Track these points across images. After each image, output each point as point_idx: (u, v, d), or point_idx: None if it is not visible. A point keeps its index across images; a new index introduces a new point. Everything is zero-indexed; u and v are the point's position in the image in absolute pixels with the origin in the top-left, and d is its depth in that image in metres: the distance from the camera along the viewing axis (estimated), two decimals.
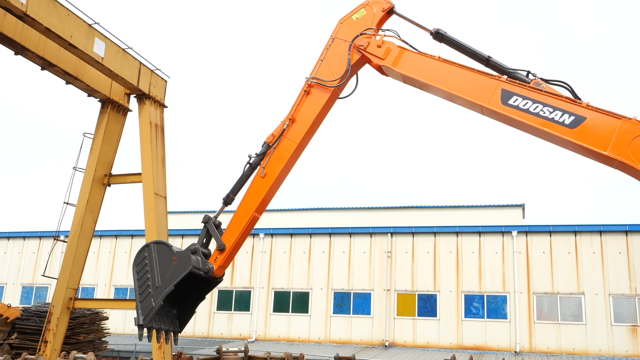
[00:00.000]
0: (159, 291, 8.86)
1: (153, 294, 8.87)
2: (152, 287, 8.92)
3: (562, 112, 8.29)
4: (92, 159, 17.54)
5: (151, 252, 9.17)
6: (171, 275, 8.93)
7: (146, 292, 8.95)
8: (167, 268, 8.99)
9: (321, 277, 27.81)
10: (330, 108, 10.14)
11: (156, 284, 8.91)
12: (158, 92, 17.83)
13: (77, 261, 17.27)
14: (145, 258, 9.16)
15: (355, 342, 26.43)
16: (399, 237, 27.32)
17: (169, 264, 9.02)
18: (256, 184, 9.82)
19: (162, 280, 8.92)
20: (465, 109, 9.40)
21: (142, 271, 9.11)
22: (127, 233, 31.53)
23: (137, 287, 9.06)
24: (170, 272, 8.94)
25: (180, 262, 9.03)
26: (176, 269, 8.97)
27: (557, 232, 25.40)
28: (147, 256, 9.16)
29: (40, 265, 31.60)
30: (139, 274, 9.11)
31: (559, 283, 24.77)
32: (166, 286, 8.87)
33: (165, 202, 17.31)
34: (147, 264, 9.10)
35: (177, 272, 8.96)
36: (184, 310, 9.55)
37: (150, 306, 8.86)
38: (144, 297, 8.94)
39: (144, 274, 9.06)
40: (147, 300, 8.90)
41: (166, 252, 9.14)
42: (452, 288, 25.94)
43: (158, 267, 9.03)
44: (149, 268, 9.06)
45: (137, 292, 9.04)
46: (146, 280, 9.01)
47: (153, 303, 8.83)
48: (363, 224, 32.43)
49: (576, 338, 24.04)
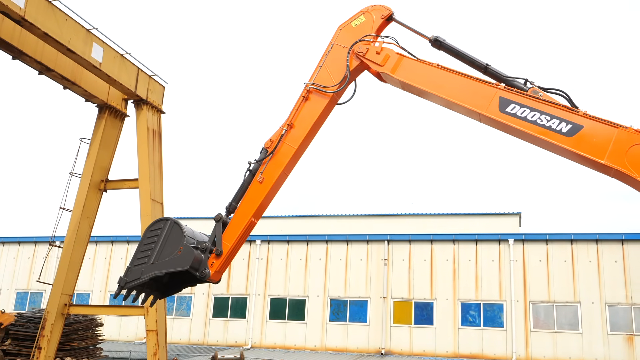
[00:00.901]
0: (151, 267, 8.96)
1: (145, 267, 8.98)
2: (148, 260, 8.97)
3: (559, 120, 8.30)
4: (89, 164, 17.49)
5: (166, 228, 9.22)
6: (169, 261, 8.97)
7: (142, 260, 9.06)
8: (170, 252, 9.01)
9: (318, 284, 27.75)
10: (328, 114, 10.14)
11: (153, 259, 8.96)
12: (156, 98, 17.82)
13: (72, 267, 17.19)
14: (159, 229, 9.22)
15: (352, 350, 26.35)
16: (396, 244, 27.29)
17: (174, 249, 9.04)
18: (254, 190, 9.79)
19: (159, 261, 8.98)
20: (463, 116, 9.41)
21: (149, 239, 9.18)
22: (123, 239, 31.43)
23: (138, 251, 9.16)
24: (170, 257, 8.97)
25: (183, 255, 9.02)
26: (176, 259, 8.98)
27: (553, 240, 25.42)
28: (162, 229, 9.20)
29: (35, 271, 31.46)
30: (146, 241, 9.19)
31: (555, 291, 24.76)
32: (159, 268, 8.94)
33: (162, 208, 17.27)
34: (157, 236, 9.14)
35: (174, 262, 8.97)
36: (171, 285, 9.58)
37: (137, 275, 8.99)
38: (137, 263, 9.07)
39: (150, 244, 9.15)
40: (137, 268, 9.03)
41: (178, 237, 9.14)
42: (448, 296, 25.90)
43: (163, 246, 9.06)
44: (156, 240, 9.11)
45: (136, 255, 9.16)
46: (147, 250, 9.09)
47: (140, 274, 8.94)
48: (360, 231, 32.41)
49: (572, 347, 24.02)
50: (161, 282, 9.45)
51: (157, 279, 9.25)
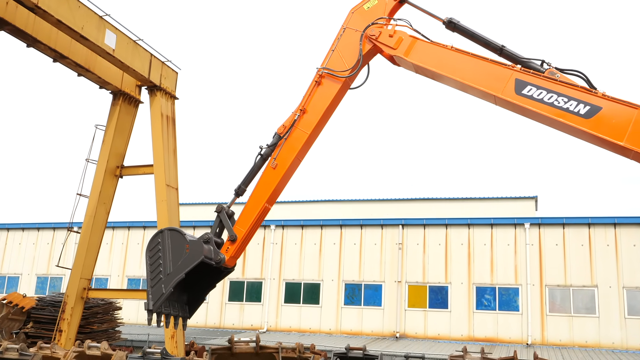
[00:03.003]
0: (169, 278, 8.90)
1: (164, 280, 8.91)
2: (164, 274, 8.95)
3: (577, 102, 8.17)
4: (104, 150, 17.62)
5: (164, 239, 9.19)
6: (183, 263, 8.96)
7: (157, 277, 8.98)
8: (179, 255, 9.02)
9: (332, 269, 27.82)
10: (341, 98, 10.08)
11: (167, 270, 8.95)
12: (169, 84, 17.86)
13: (90, 252, 17.39)
14: (158, 244, 9.19)
15: (366, 334, 26.45)
16: (410, 228, 27.25)
17: (182, 251, 9.03)
18: (267, 175, 9.79)
19: (174, 268, 8.95)
20: (478, 99, 9.31)
21: (154, 257, 9.14)
22: (139, 224, 31.70)
23: (149, 272, 9.10)
24: (182, 260, 8.97)
25: (193, 251, 9.04)
26: (188, 257, 8.99)
27: (570, 224, 25.23)
28: (160, 242, 9.18)
29: (55, 256, 31.87)
30: (152, 259, 9.13)
31: (571, 275, 24.62)
32: (177, 274, 8.90)
33: (176, 193, 17.36)
34: (160, 250, 9.12)
35: (188, 260, 8.98)
36: (194, 297, 9.58)
37: (160, 292, 8.89)
38: (155, 282, 8.98)
39: (156, 260, 9.10)
40: (157, 286, 8.93)
41: (179, 239, 9.16)
42: (463, 280, 25.86)
43: (170, 254, 9.05)
44: (161, 254, 9.09)
45: (149, 277, 9.08)
46: (158, 266, 9.04)
47: (163, 289, 8.87)
48: (374, 215, 32.39)
49: (589, 331, 23.91)
50: (186, 294, 9.47)
51: (181, 291, 9.28)
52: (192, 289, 9.46)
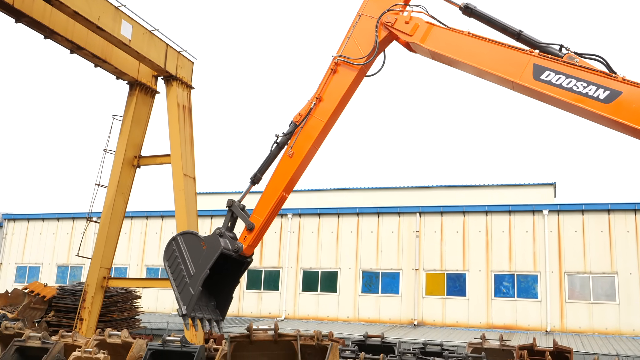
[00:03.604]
0: (194, 278, 8.88)
1: (190, 283, 8.87)
2: (188, 277, 8.91)
3: (596, 86, 8.06)
4: (122, 141, 17.75)
5: (179, 244, 9.19)
6: (203, 260, 8.96)
7: (182, 282, 8.95)
8: (198, 255, 9.01)
9: (349, 257, 27.85)
10: (357, 86, 10.03)
11: (190, 272, 8.92)
12: (185, 74, 17.90)
13: (109, 241, 17.58)
14: (174, 251, 9.18)
15: (384, 321, 26.49)
16: (428, 216, 27.17)
17: (199, 250, 9.04)
18: (284, 164, 9.79)
19: (196, 267, 8.93)
20: (496, 85, 9.22)
21: (174, 264, 9.13)
22: (157, 214, 31.94)
23: (173, 280, 9.05)
24: (201, 258, 8.97)
25: (210, 246, 9.05)
26: (207, 253, 9.00)
27: (589, 210, 24.99)
28: (175, 249, 9.17)
29: (74, 246, 32.24)
30: (172, 268, 9.11)
31: (591, 262, 24.42)
32: (201, 271, 8.89)
33: (194, 182, 17.45)
34: (178, 256, 9.11)
35: (208, 256, 8.98)
36: (221, 298, 9.56)
37: (189, 295, 8.85)
38: (181, 287, 8.94)
39: (177, 266, 9.08)
40: (185, 290, 8.89)
41: (193, 240, 9.16)
42: (481, 267, 25.76)
43: (189, 256, 9.05)
44: (180, 259, 9.07)
45: (174, 285, 9.02)
46: (180, 272, 9.01)
47: (192, 291, 8.83)
48: (391, 203, 32.34)
49: (609, 318, 23.74)
50: (213, 297, 9.48)
51: (209, 295, 9.25)
52: (218, 291, 9.45)
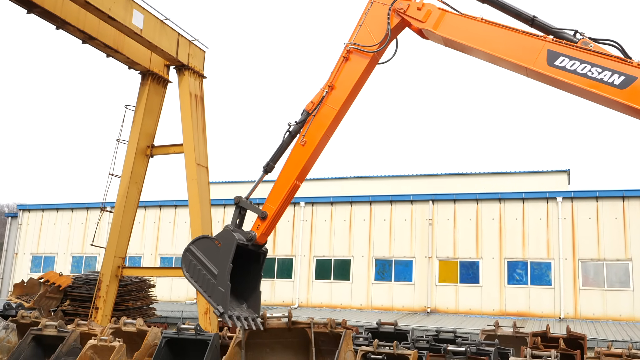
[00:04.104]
0: (220, 276, 8.89)
1: (217, 282, 8.85)
2: (213, 277, 8.89)
3: (611, 72, 7.97)
4: (135, 130, 17.82)
5: (193, 252, 9.17)
6: (222, 256, 8.96)
7: (210, 285, 8.93)
8: (215, 254, 9.02)
9: (362, 245, 27.88)
10: (369, 74, 9.98)
11: (214, 272, 8.90)
12: (197, 63, 17.91)
13: (123, 231, 17.70)
14: (191, 261, 9.16)
15: (397, 309, 26.54)
16: (440, 204, 27.11)
17: (215, 250, 9.05)
18: (296, 152, 9.79)
19: (218, 266, 8.94)
20: (509, 71, 9.14)
21: (195, 272, 9.10)
22: (170, 203, 32.11)
23: (199, 287, 9.02)
24: (220, 255, 8.97)
25: (224, 241, 9.07)
26: (224, 249, 9.01)
27: (604, 197, 24.82)
28: (192, 258, 9.16)
29: (89, 236, 32.52)
30: (194, 277, 9.06)
31: (605, 249, 24.28)
32: (224, 267, 8.90)
33: (207, 172, 17.51)
34: (197, 263, 9.11)
35: (226, 251, 8.99)
36: (251, 296, 9.58)
37: (220, 293, 8.82)
38: (210, 290, 8.91)
39: (199, 273, 9.06)
40: (215, 291, 8.87)
41: (206, 242, 9.19)
42: (494, 255, 25.70)
43: (207, 259, 9.04)
44: (200, 266, 9.05)
45: (202, 290, 9.00)
46: (204, 277, 8.99)
47: (221, 289, 8.82)
48: (404, 191, 32.25)
49: (623, 304, 23.62)
50: (242, 297, 9.48)
51: (238, 296, 9.26)
52: (245, 289, 9.45)
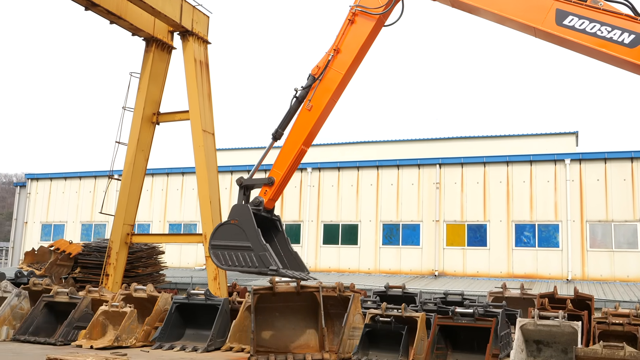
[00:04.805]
0: (255, 243, 9.06)
1: (256, 250, 9.04)
2: (249, 250, 9.09)
3: (621, 30, 7.86)
4: (140, 98, 17.77)
5: (218, 244, 9.36)
6: (245, 227, 9.19)
7: (251, 259, 9.11)
8: (238, 232, 9.22)
9: (369, 210, 27.94)
10: (375, 37, 9.88)
11: (247, 245, 9.10)
12: (201, 29, 17.73)
13: (131, 198, 17.80)
14: (220, 252, 9.33)
15: (405, 272, 26.72)
16: (448, 168, 27.04)
17: (235, 229, 9.28)
18: (303, 117, 9.77)
19: (248, 237, 9.13)
20: (517, 32, 9.01)
21: (231, 259, 9.27)
22: (178, 171, 32.18)
23: (243, 268, 9.19)
24: (242, 229, 9.19)
25: (239, 215, 9.32)
26: (243, 222, 9.24)
27: (612, 158, 24.67)
28: (220, 252, 9.33)
29: (97, 204, 32.70)
30: (233, 263, 9.24)
31: (613, 211, 24.24)
32: (254, 235, 9.09)
33: (213, 138, 17.49)
34: (226, 250, 9.28)
35: (245, 221, 9.22)
36: (289, 259, 9.72)
37: (264, 257, 9.02)
38: (254, 262, 9.08)
39: (234, 258, 9.23)
40: (258, 258, 9.05)
41: (223, 229, 9.40)
42: (502, 218, 25.72)
43: (235, 240, 9.23)
44: (231, 251, 9.23)
45: (248, 269, 9.17)
46: (241, 257, 9.17)
47: (263, 251, 9.02)
48: (411, 155, 32.15)
49: (631, 265, 23.68)
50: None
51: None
52: (280, 257, 9.55)
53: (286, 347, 10.24)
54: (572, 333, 9.12)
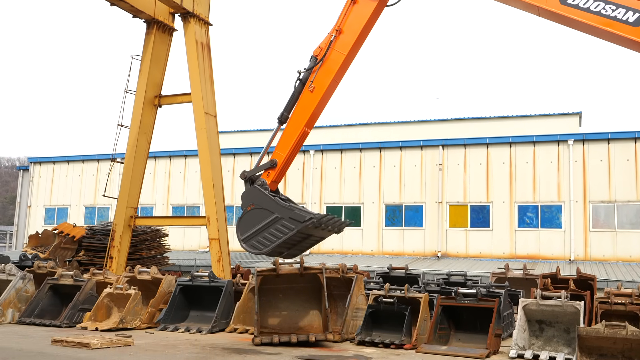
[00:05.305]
0: (279, 211, 9.37)
1: (283, 216, 9.33)
2: (277, 220, 9.36)
3: (625, 9, 7.78)
4: (142, 80, 17.70)
5: (249, 235, 9.61)
6: (265, 205, 9.48)
7: (284, 224, 9.35)
8: (259, 214, 9.50)
9: (372, 191, 27.95)
10: (377, 17, 9.81)
11: (273, 218, 9.38)
12: (202, 10, 17.61)
13: (134, 181, 17.81)
14: (257, 240, 9.57)
15: (408, 254, 26.79)
16: (450, 149, 26.99)
17: (255, 213, 9.56)
18: (305, 99, 9.74)
19: (272, 210, 9.40)
20: (520, 11, 8.93)
21: (268, 240, 9.51)
22: (180, 153, 32.18)
23: (282, 237, 9.41)
24: (263, 208, 9.46)
25: (252, 198, 9.61)
26: (259, 202, 9.51)
27: (615, 139, 24.59)
28: (255, 240, 9.59)
29: (100, 187, 32.76)
30: (272, 239, 9.46)
31: (616, 191, 24.21)
32: (275, 205, 9.38)
33: (215, 120, 17.45)
34: (261, 236, 9.51)
35: (261, 200, 9.50)
36: None
37: (296, 215, 9.31)
38: (288, 226, 9.33)
39: (271, 234, 9.46)
40: (290, 220, 9.31)
41: (245, 220, 9.66)
42: (505, 199, 25.72)
43: (260, 223, 9.48)
44: (264, 233, 9.48)
45: (287, 234, 9.37)
46: (276, 228, 9.41)
47: (288, 213, 9.30)
48: (414, 137, 32.10)
49: (634, 245, 23.70)
50: None
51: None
52: None
53: (290, 328, 10.29)
54: (575, 313, 9.15)
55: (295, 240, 9.50)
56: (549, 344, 9.28)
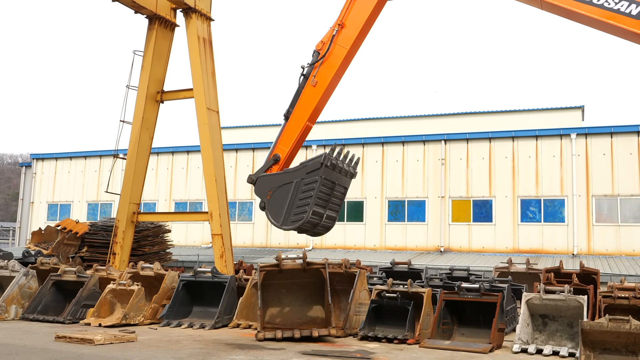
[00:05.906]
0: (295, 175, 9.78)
1: (302, 174, 9.70)
2: (303, 181, 9.71)
3: (628, 2, 7.74)
4: (144, 76, 17.70)
5: (286, 212, 9.96)
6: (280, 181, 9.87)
7: (307, 182, 9.72)
8: (281, 190, 9.82)
9: (375, 186, 27.93)
10: (380, 11, 9.78)
11: (291, 181, 9.72)
12: (204, 5, 17.59)
13: (137, 177, 17.82)
14: (294, 213, 9.94)
15: (411, 249, 26.78)
16: (453, 143, 26.95)
17: (276, 194, 9.88)
18: (308, 93, 9.74)
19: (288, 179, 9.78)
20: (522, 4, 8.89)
21: (304, 201, 9.81)
22: (183, 149, 32.17)
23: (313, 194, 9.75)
24: (279, 186, 9.82)
25: (264, 185, 10.00)
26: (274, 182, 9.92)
27: (618, 132, 24.52)
28: (294, 214, 9.96)
29: (103, 183, 32.80)
30: (307, 201, 9.80)
31: (619, 185, 24.16)
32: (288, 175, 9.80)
33: (217, 116, 17.44)
34: (292, 207, 9.86)
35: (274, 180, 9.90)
36: None
37: (310, 166, 9.73)
38: (310, 179, 9.69)
39: (302, 199, 9.79)
40: (310, 172, 9.69)
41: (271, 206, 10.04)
42: (507, 193, 25.68)
43: (285, 196, 9.84)
44: (295, 202, 9.83)
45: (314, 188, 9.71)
46: (303, 191, 9.76)
47: (304, 165, 9.73)
48: (416, 132, 32.05)
49: (636, 239, 23.65)
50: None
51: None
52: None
53: (293, 324, 10.30)
54: (578, 307, 9.14)
55: (325, 193, 9.83)
56: (553, 339, 9.27)
